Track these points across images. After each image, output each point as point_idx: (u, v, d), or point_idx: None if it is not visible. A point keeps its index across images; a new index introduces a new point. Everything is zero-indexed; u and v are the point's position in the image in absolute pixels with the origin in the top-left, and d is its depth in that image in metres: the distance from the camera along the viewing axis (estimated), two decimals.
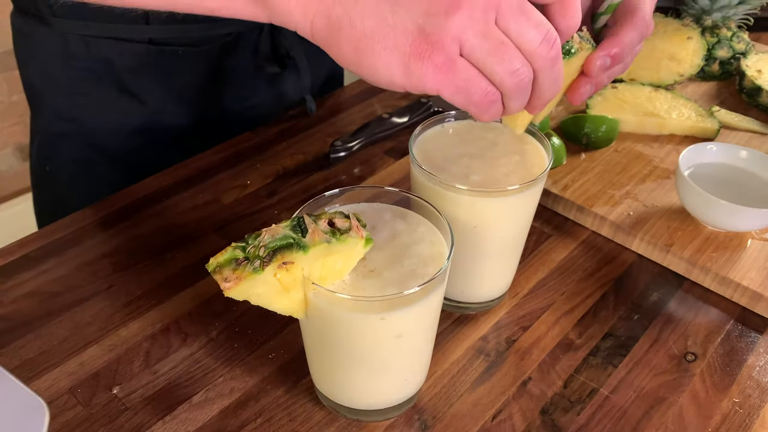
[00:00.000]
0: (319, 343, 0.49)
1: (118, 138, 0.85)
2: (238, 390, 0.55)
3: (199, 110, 0.88)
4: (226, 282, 0.40)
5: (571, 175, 0.76)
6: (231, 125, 0.88)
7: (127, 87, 0.82)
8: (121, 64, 0.80)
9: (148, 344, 0.58)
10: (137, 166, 0.81)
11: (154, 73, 0.82)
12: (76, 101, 0.82)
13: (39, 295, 0.62)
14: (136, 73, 0.81)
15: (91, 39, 0.78)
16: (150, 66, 0.81)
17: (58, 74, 0.81)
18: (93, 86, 0.81)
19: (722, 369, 0.58)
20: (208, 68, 0.85)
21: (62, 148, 0.85)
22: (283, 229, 0.42)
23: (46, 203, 0.92)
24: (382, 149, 0.83)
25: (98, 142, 0.85)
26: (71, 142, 0.85)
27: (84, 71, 0.80)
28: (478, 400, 0.54)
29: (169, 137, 0.87)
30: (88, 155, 0.85)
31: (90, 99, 0.82)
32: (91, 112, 0.83)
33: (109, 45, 0.79)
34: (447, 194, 0.53)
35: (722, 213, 0.65)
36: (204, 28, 0.82)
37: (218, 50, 0.84)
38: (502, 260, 0.59)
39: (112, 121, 0.84)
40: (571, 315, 0.62)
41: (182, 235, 0.70)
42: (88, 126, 0.84)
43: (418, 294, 0.43)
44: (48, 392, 0.54)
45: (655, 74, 0.90)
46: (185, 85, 0.85)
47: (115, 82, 0.81)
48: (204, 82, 0.86)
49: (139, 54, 0.80)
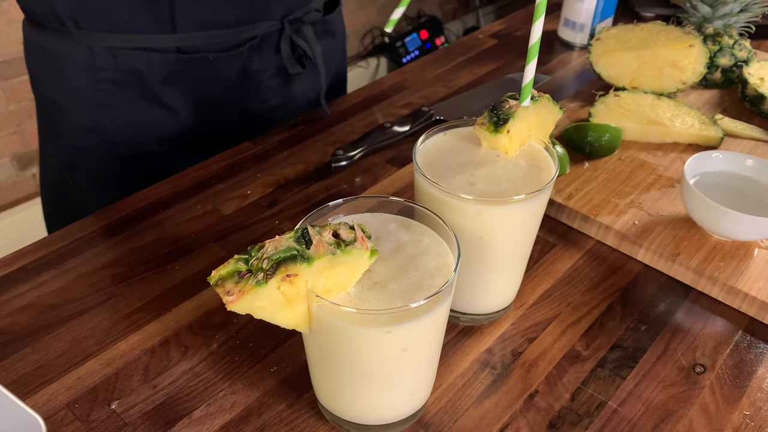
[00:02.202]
0: (323, 357, 0.48)
1: (145, 146, 0.84)
2: (239, 404, 0.54)
3: (225, 115, 0.88)
4: (229, 295, 0.39)
5: (575, 183, 0.75)
6: (252, 128, 0.88)
7: (157, 97, 0.81)
8: (150, 75, 0.80)
9: (147, 358, 0.57)
10: (161, 172, 0.80)
11: (182, 82, 0.82)
12: (104, 114, 0.82)
13: (36, 307, 0.61)
14: (164, 82, 0.81)
15: (118, 50, 0.78)
16: (179, 74, 0.81)
17: (84, 88, 0.80)
18: (121, 98, 0.81)
19: (732, 381, 0.57)
20: (234, 72, 0.85)
21: (87, 160, 0.85)
22: (286, 241, 0.41)
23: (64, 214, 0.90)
24: (384, 158, 0.83)
25: (124, 152, 0.84)
26: (97, 153, 0.84)
27: (111, 83, 0.80)
28: (484, 414, 0.53)
29: (194, 143, 0.87)
30: (112, 166, 0.85)
31: (118, 111, 0.82)
32: (119, 123, 0.83)
33: (137, 56, 0.78)
34: (452, 204, 0.52)
35: (729, 222, 0.64)
36: (231, 33, 0.82)
37: (245, 54, 0.84)
38: (508, 270, 0.58)
39: (140, 132, 0.84)
40: (578, 326, 0.61)
41: (182, 246, 0.69)
42: (115, 137, 0.83)
43: (424, 307, 0.42)
44: (45, 407, 0.53)
45: (657, 82, 0.90)
46: (212, 91, 0.85)
47: (144, 92, 0.81)
48: (230, 86, 0.86)
49: (168, 63, 0.80)
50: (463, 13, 3.27)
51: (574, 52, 1.11)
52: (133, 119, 0.83)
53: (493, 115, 0.55)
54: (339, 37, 0.99)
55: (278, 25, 0.85)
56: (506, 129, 0.54)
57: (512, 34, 1.15)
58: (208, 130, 0.88)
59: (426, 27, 2.93)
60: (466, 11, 3.28)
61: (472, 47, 1.11)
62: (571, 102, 0.92)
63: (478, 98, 0.93)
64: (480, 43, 1.12)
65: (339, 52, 1.01)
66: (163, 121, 0.84)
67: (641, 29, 0.92)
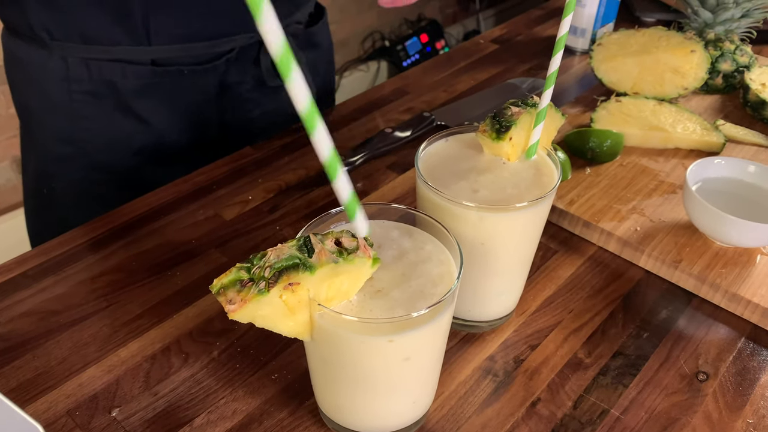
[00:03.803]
0: (325, 365, 0.48)
1: (120, 158, 0.84)
2: (240, 412, 0.53)
3: (203, 127, 0.87)
4: (231, 304, 0.39)
5: (576, 189, 0.75)
6: (232, 140, 0.87)
7: (131, 108, 0.81)
8: (124, 86, 0.79)
9: (148, 365, 0.57)
10: (139, 183, 0.80)
11: (158, 94, 0.81)
12: (78, 124, 0.81)
13: (37, 314, 0.61)
14: (139, 94, 0.80)
15: (92, 62, 0.77)
16: (154, 86, 0.80)
17: (59, 98, 0.79)
18: (95, 109, 0.80)
19: (735, 389, 0.56)
20: (211, 85, 0.84)
21: (62, 170, 0.84)
22: (288, 249, 0.41)
23: (41, 223, 0.90)
24: (385, 164, 0.82)
25: (99, 163, 0.84)
26: (72, 163, 0.83)
27: (86, 94, 0.79)
28: (486, 422, 0.53)
29: (171, 154, 0.86)
30: (88, 175, 0.84)
31: (92, 122, 0.81)
32: (94, 134, 0.82)
33: (111, 67, 0.78)
34: (454, 210, 0.52)
35: (731, 229, 0.64)
36: (207, 46, 0.81)
37: (222, 66, 0.83)
38: (510, 277, 0.58)
39: (115, 143, 0.83)
40: (580, 333, 0.61)
41: (183, 252, 0.68)
42: (90, 148, 0.83)
43: (427, 315, 0.42)
44: (45, 415, 0.53)
45: (659, 88, 0.90)
46: (189, 103, 0.84)
47: (119, 104, 0.80)
48: (207, 98, 0.85)
49: (143, 75, 0.79)
50: (464, 17, 3.28)
51: (576, 57, 1.11)
52: (108, 130, 0.82)
53: (495, 122, 0.55)
54: (324, 50, 0.98)
55: (256, 37, 0.84)
56: (508, 136, 0.54)
57: (513, 40, 1.15)
58: (187, 141, 0.86)
59: (426, 31, 2.93)
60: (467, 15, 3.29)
61: (473, 52, 1.11)
62: (573, 107, 0.91)
63: (479, 103, 0.93)
64: (481, 49, 1.12)
65: (325, 64, 0.99)
66: (138, 132, 0.83)
67: (642, 34, 0.92)
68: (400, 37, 2.89)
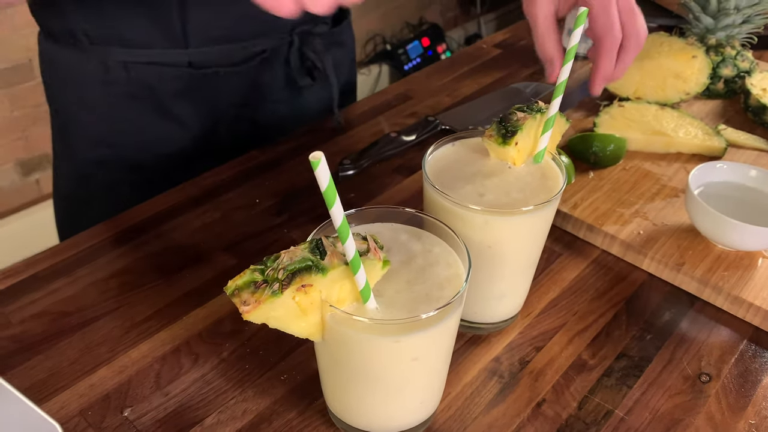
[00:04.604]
0: (334, 365, 0.48)
1: (156, 160, 0.85)
2: (250, 412, 0.54)
3: (235, 127, 0.89)
4: (245, 305, 0.40)
5: (580, 193, 0.76)
6: (260, 138, 0.89)
7: (168, 110, 0.82)
8: (162, 89, 0.81)
9: (158, 365, 0.58)
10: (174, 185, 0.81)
11: (194, 95, 0.83)
12: (116, 127, 0.83)
13: (49, 315, 0.62)
14: (176, 96, 0.82)
15: (130, 64, 0.79)
16: (190, 88, 0.82)
17: (97, 101, 0.81)
18: (133, 111, 0.82)
19: (737, 390, 0.57)
20: (245, 85, 0.86)
21: (99, 173, 0.86)
22: (301, 252, 0.42)
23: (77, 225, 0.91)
24: (391, 167, 0.83)
25: (135, 165, 0.85)
26: (108, 165, 0.85)
27: (124, 97, 0.80)
28: (492, 423, 0.54)
29: (204, 155, 0.87)
30: (125, 178, 0.86)
31: (130, 124, 0.82)
32: (131, 136, 0.83)
33: (149, 70, 0.79)
34: (461, 214, 0.53)
35: (733, 232, 0.65)
36: (242, 47, 0.83)
37: (255, 67, 0.85)
38: (516, 280, 0.59)
39: (151, 145, 0.84)
40: (584, 335, 0.62)
41: (191, 254, 0.69)
42: (126, 150, 0.84)
43: (435, 317, 0.43)
44: (58, 414, 0.53)
45: (661, 92, 0.91)
46: (224, 104, 0.86)
47: (156, 106, 0.82)
48: (241, 99, 0.87)
49: (180, 77, 0.81)
50: (465, 21, 3.29)
51: (578, 62, 1.11)
52: (145, 132, 0.84)
53: (501, 127, 0.56)
54: (348, 48, 1.00)
55: (288, 38, 0.86)
56: (514, 141, 0.55)
57: (516, 44, 1.16)
58: (220, 142, 0.88)
59: (427, 34, 2.95)
60: (468, 19, 3.30)
61: (476, 57, 1.12)
62: (576, 112, 0.92)
63: (483, 107, 0.94)
64: (484, 53, 1.13)
65: (348, 62, 1.02)
66: (174, 134, 0.84)
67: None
68: (402, 40, 2.90)
